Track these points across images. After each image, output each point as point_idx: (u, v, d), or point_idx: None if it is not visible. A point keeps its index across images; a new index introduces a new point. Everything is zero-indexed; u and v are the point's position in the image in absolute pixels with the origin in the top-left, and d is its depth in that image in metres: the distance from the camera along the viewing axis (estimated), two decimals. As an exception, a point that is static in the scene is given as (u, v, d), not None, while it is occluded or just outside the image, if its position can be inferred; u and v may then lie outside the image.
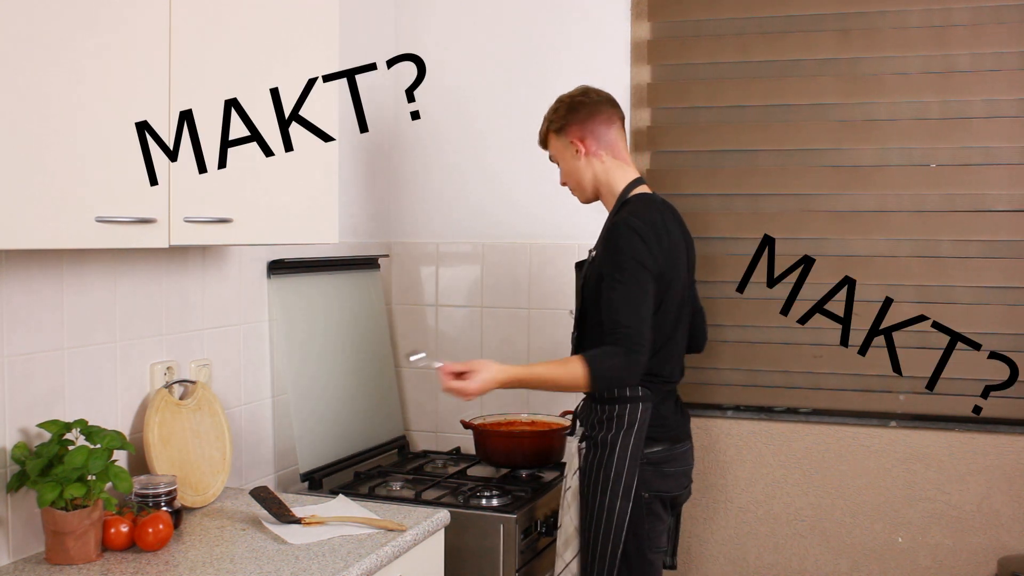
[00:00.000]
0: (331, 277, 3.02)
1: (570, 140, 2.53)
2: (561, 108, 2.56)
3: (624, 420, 2.42)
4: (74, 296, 2.07)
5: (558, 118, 2.55)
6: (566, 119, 2.54)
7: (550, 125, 2.57)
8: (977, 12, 2.89)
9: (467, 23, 3.35)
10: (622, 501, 2.39)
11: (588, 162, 2.53)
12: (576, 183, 2.57)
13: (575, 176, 2.56)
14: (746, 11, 3.08)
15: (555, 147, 2.58)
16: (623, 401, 2.42)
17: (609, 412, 2.43)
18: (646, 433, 2.41)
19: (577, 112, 2.54)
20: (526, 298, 3.30)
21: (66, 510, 1.86)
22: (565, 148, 2.55)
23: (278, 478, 2.79)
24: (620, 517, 2.39)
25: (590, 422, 2.48)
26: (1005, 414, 2.92)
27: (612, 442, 2.41)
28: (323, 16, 2.31)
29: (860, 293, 3.00)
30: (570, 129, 2.53)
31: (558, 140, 2.56)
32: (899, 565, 3.00)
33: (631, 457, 2.40)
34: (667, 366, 2.47)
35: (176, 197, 1.85)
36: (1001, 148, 2.90)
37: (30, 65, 1.54)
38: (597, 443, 2.43)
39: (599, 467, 2.42)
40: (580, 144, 2.52)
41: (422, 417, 3.44)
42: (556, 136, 2.56)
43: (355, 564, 1.93)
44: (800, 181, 3.06)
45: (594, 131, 2.53)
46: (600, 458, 2.42)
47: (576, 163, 2.54)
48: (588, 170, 2.54)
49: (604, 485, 2.40)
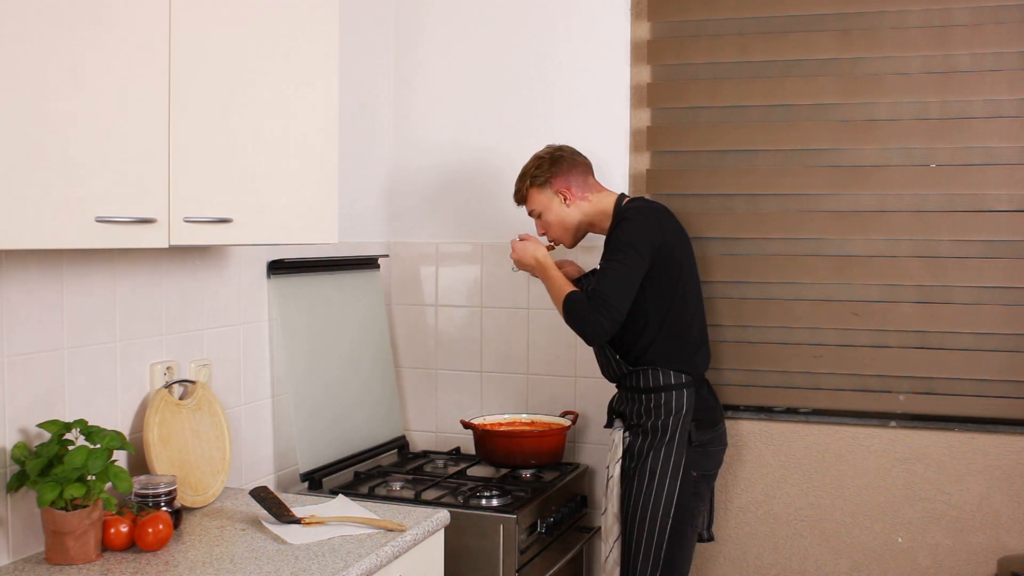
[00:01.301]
0: (331, 277, 3.02)
1: (555, 191, 2.76)
2: (543, 164, 2.77)
3: (671, 406, 2.63)
4: (74, 296, 2.07)
5: (541, 172, 2.76)
6: (550, 172, 2.76)
7: (532, 181, 2.77)
8: (977, 12, 2.89)
9: (466, 22, 3.35)
10: (670, 481, 2.60)
11: (576, 206, 2.77)
12: (563, 229, 2.78)
13: (562, 223, 2.78)
14: (746, 11, 3.08)
15: (537, 200, 2.78)
16: (668, 389, 2.64)
17: (656, 400, 2.64)
18: (692, 416, 2.64)
19: (559, 164, 2.77)
20: (526, 298, 3.30)
21: (66, 510, 1.86)
22: (550, 199, 2.77)
23: (278, 478, 2.79)
24: (668, 497, 2.60)
25: (635, 411, 2.68)
26: (1005, 414, 2.92)
27: (663, 427, 2.63)
28: (323, 14, 2.31)
29: (860, 293, 3.00)
30: (554, 181, 2.76)
31: (541, 193, 2.77)
32: (899, 565, 2.99)
33: (679, 441, 2.63)
34: (700, 352, 2.73)
35: (176, 197, 1.85)
36: (1001, 148, 2.90)
37: (30, 65, 1.54)
38: (647, 430, 2.65)
39: (649, 451, 2.62)
40: (567, 192, 2.76)
41: (422, 417, 3.44)
42: (539, 190, 2.77)
43: (355, 564, 1.93)
44: (800, 181, 3.06)
45: (576, 179, 2.77)
46: (651, 443, 2.63)
47: (563, 210, 2.77)
48: (576, 213, 2.77)
49: (654, 468, 2.61)
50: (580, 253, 3.08)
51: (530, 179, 2.78)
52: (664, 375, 2.64)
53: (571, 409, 3.21)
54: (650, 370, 2.65)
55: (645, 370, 2.66)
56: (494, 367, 3.35)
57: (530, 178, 2.78)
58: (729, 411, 3.11)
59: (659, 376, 2.64)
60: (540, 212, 2.79)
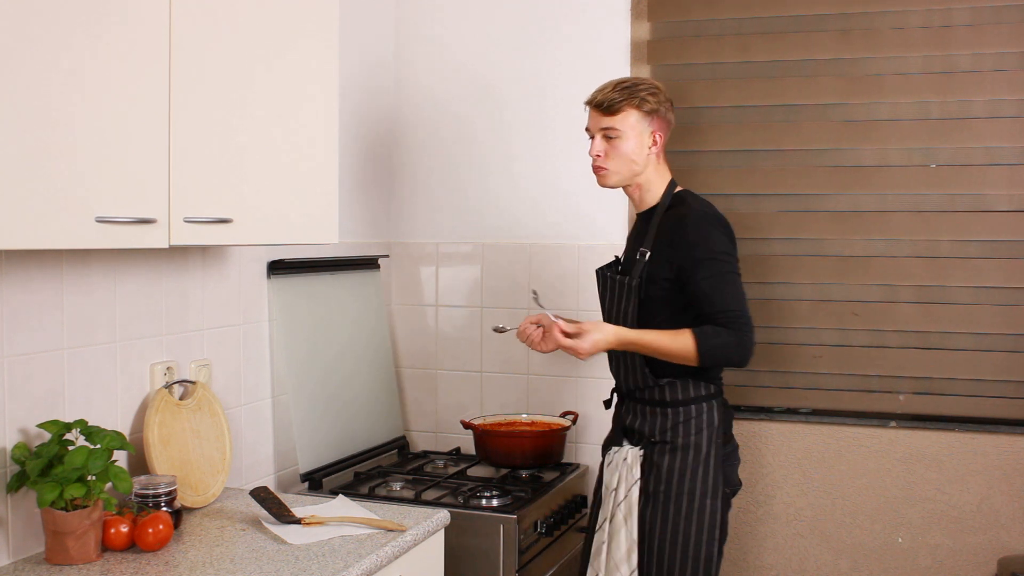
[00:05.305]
0: (331, 277, 3.01)
1: (652, 130, 2.41)
2: (661, 94, 2.42)
3: (703, 420, 2.43)
4: (74, 296, 2.07)
5: (654, 100, 2.40)
6: (661, 107, 2.41)
7: (641, 102, 2.39)
8: (978, 12, 2.89)
9: (466, 22, 3.35)
10: (711, 501, 2.39)
11: (650, 157, 2.43)
12: (626, 167, 2.42)
13: (631, 161, 2.41)
14: (746, 11, 3.08)
15: (629, 123, 2.39)
16: (698, 401, 2.44)
17: (685, 415, 2.43)
18: (723, 429, 2.45)
19: (670, 109, 2.45)
20: (526, 298, 3.29)
21: (66, 510, 1.86)
22: (642, 132, 2.40)
23: (278, 478, 2.79)
24: (712, 518, 2.39)
25: (658, 427, 2.44)
26: (1005, 414, 2.92)
27: (698, 444, 2.41)
28: (323, 12, 2.31)
29: (860, 293, 3.00)
30: (658, 119, 2.42)
31: (639, 120, 2.40)
32: (899, 565, 3.00)
33: (716, 457, 2.41)
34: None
35: (176, 197, 1.85)
36: (1002, 148, 2.90)
37: (30, 65, 1.54)
38: (679, 447, 2.41)
39: (685, 471, 2.40)
40: (659, 137, 2.43)
41: (422, 417, 3.44)
42: (642, 115, 2.40)
43: (355, 564, 1.93)
44: (800, 181, 3.06)
45: (667, 134, 2.46)
46: (689, 461, 2.40)
47: (643, 151, 2.41)
48: (647, 164, 2.43)
49: (693, 487, 2.39)
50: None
51: (639, 99, 2.38)
52: (694, 387, 2.44)
53: (571, 409, 3.21)
54: (678, 383, 2.43)
55: (672, 382, 2.43)
56: (494, 367, 3.35)
57: (639, 98, 2.38)
58: (729, 411, 3.12)
59: (688, 388, 2.44)
60: (619, 135, 2.39)
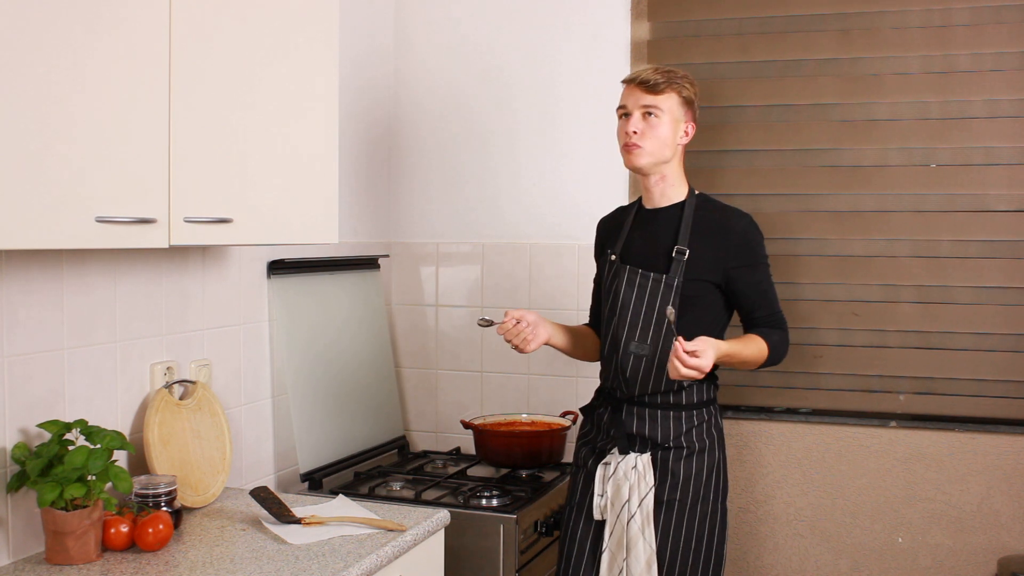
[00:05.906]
0: (331, 277, 3.01)
1: (687, 120, 2.44)
2: (695, 88, 2.46)
3: (712, 422, 2.46)
4: (74, 296, 2.07)
5: (692, 91, 2.44)
6: (696, 100, 2.46)
7: (682, 90, 2.42)
8: (977, 12, 2.89)
9: (466, 22, 3.35)
10: (723, 502, 2.46)
11: (679, 149, 2.45)
12: (660, 148, 2.40)
13: (664, 143, 2.41)
14: (746, 11, 3.08)
15: (669, 107, 2.40)
16: (708, 404, 2.47)
17: (699, 417, 2.44)
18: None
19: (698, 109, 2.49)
20: (526, 298, 3.29)
21: (66, 510, 1.86)
22: (678, 119, 2.42)
23: (278, 478, 2.79)
24: (723, 518, 2.45)
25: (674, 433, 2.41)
26: (1005, 414, 2.92)
27: (711, 447, 2.44)
28: (323, 12, 2.31)
29: (860, 293, 3.00)
30: (693, 111, 2.45)
31: (678, 105, 2.41)
32: (899, 565, 2.99)
33: (725, 457, 2.50)
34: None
35: (176, 197, 1.85)
36: (1001, 148, 2.90)
37: (30, 65, 1.54)
38: (695, 451, 2.41)
39: (701, 474, 2.41)
40: (691, 127, 2.45)
41: (422, 417, 3.44)
42: (681, 102, 2.42)
43: (355, 564, 1.93)
44: (800, 181, 3.06)
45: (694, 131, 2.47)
46: (702, 465, 2.42)
47: (675, 136, 2.42)
48: (675, 155, 2.44)
49: (708, 491, 2.42)
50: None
51: (679, 85, 2.40)
52: (707, 389, 2.46)
53: (571, 409, 3.21)
54: (694, 386, 2.42)
55: (691, 385, 2.42)
56: (494, 367, 3.35)
57: (679, 84, 2.40)
58: (729, 411, 3.12)
59: (703, 391, 2.44)
60: (659, 115, 2.39)
